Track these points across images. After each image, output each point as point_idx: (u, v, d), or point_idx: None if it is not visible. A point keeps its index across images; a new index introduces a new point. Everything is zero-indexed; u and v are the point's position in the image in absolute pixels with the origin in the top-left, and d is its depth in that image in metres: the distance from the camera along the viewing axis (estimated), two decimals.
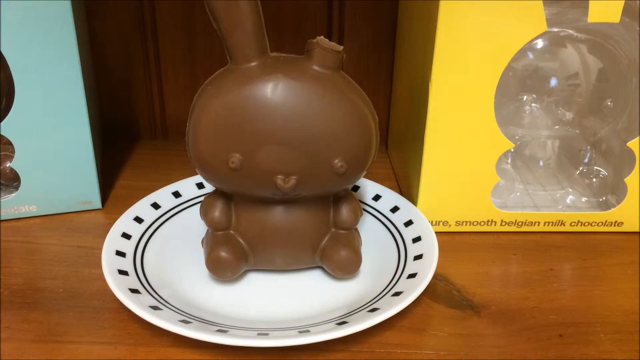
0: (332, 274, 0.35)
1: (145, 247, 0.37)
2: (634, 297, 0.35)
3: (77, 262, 0.37)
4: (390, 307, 0.31)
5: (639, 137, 0.39)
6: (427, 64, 0.37)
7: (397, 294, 0.32)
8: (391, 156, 0.53)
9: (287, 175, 0.31)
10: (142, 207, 0.40)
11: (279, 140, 0.31)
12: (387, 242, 0.38)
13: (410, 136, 0.43)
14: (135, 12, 0.51)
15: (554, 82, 0.41)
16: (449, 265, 0.38)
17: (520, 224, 0.41)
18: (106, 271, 0.33)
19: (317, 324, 0.31)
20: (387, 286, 0.34)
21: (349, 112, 0.31)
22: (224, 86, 0.31)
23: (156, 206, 0.41)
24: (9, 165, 0.41)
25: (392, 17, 0.51)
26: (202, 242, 0.36)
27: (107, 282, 0.32)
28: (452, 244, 0.40)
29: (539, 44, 0.40)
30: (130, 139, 0.55)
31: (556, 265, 0.38)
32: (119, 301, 0.31)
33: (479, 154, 0.39)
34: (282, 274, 0.36)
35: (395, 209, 0.41)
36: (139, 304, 0.30)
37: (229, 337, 0.29)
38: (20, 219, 0.42)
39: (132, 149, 0.54)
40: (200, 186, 0.43)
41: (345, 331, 0.29)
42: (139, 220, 0.39)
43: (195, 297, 0.34)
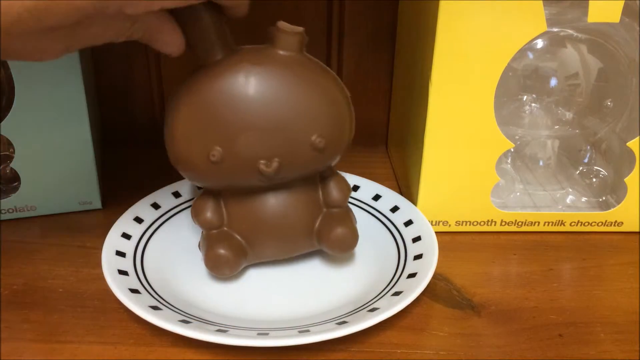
0: (331, 253, 0.35)
1: (145, 247, 0.37)
2: (633, 297, 0.35)
3: (77, 262, 0.37)
4: (390, 307, 0.31)
5: (638, 137, 0.39)
6: (427, 64, 0.37)
7: (397, 293, 0.32)
8: (391, 156, 0.53)
9: (268, 159, 0.32)
10: (142, 207, 0.40)
11: (255, 126, 0.31)
12: (387, 241, 0.38)
13: (410, 136, 0.43)
14: None
15: (553, 82, 0.41)
16: (449, 265, 0.38)
17: (520, 224, 0.41)
18: (106, 271, 0.33)
19: (317, 323, 0.31)
20: (387, 286, 0.34)
21: (318, 89, 0.32)
22: (194, 84, 0.32)
23: (156, 206, 0.41)
24: (9, 165, 0.41)
25: (392, 16, 0.51)
26: (199, 245, 0.36)
27: (107, 282, 0.32)
28: (452, 243, 0.40)
29: (539, 43, 0.40)
30: (130, 139, 0.55)
31: (556, 265, 0.38)
32: (119, 301, 0.31)
33: (479, 153, 0.39)
34: (282, 274, 0.36)
35: (395, 209, 0.41)
36: (139, 304, 0.31)
37: (229, 337, 0.29)
38: (20, 219, 0.42)
39: (132, 149, 0.54)
40: (200, 186, 0.43)
41: (345, 331, 0.29)
42: (139, 220, 0.39)
43: (195, 297, 0.34)
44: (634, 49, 0.39)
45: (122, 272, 0.34)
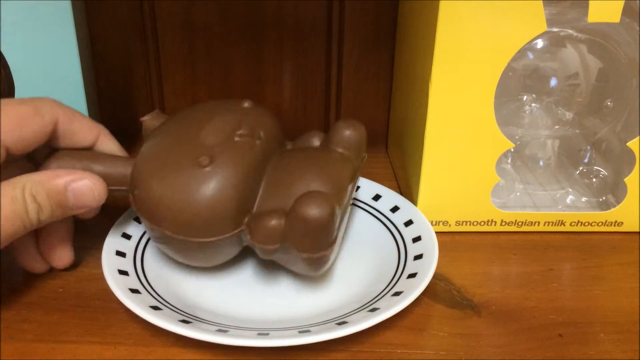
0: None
1: (145, 247, 0.37)
2: (634, 297, 0.35)
3: (77, 262, 0.37)
4: (390, 307, 0.31)
5: (639, 137, 0.39)
6: (427, 64, 0.37)
7: (397, 293, 0.32)
8: (391, 156, 0.53)
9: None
10: None
11: None
12: (387, 241, 0.38)
13: (410, 136, 0.43)
14: (135, 12, 0.51)
15: (553, 82, 0.41)
16: (449, 265, 0.38)
17: (520, 223, 0.41)
18: (106, 271, 0.33)
19: (317, 323, 0.31)
20: (387, 286, 0.34)
21: None
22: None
23: None
24: None
25: (392, 17, 0.51)
26: None
27: (107, 282, 0.32)
28: (452, 243, 0.40)
29: (539, 43, 0.41)
30: (130, 139, 0.55)
31: (556, 265, 0.38)
32: (119, 301, 0.31)
33: (479, 153, 0.39)
34: (282, 274, 0.36)
35: (395, 209, 0.41)
36: (140, 304, 0.30)
37: (229, 337, 0.29)
38: None
39: (132, 149, 0.54)
40: None
41: (345, 331, 0.29)
42: (139, 220, 0.39)
43: (195, 296, 0.34)
44: (634, 49, 0.39)
45: (123, 272, 0.34)
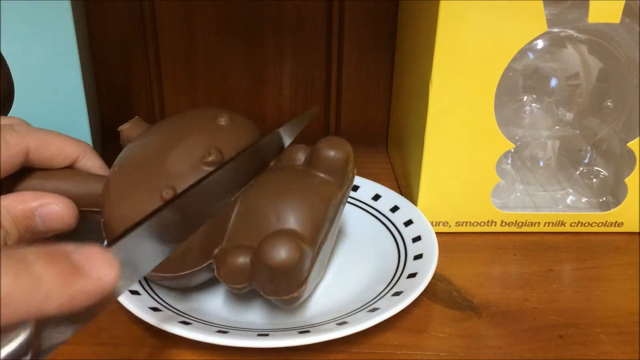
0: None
1: None
2: (634, 298, 0.35)
3: None
4: (390, 307, 0.31)
5: (639, 138, 0.38)
6: (427, 64, 0.37)
7: (397, 293, 0.32)
8: (391, 156, 0.53)
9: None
10: None
11: None
12: (387, 241, 0.38)
13: (410, 136, 0.43)
14: (135, 12, 0.51)
15: (554, 82, 0.41)
16: (449, 265, 0.38)
17: (520, 224, 0.41)
18: None
19: (317, 324, 0.31)
20: (387, 286, 0.34)
21: None
22: None
23: None
24: None
25: (392, 17, 0.51)
26: None
27: None
28: (452, 244, 0.40)
29: (540, 44, 0.40)
30: None
31: (556, 265, 0.38)
32: (119, 302, 0.31)
33: (479, 154, 0.39)
34: None
35: (395, 209, 0.41)
36: (139, 305, 0.30)
37: (229, 337, 0.29)
38: None
39: None
40: None
41: (345, 331, 0.29)
42: None
43: (195, 297, 0.34)
44: (634, 49, 0.39)
45: None
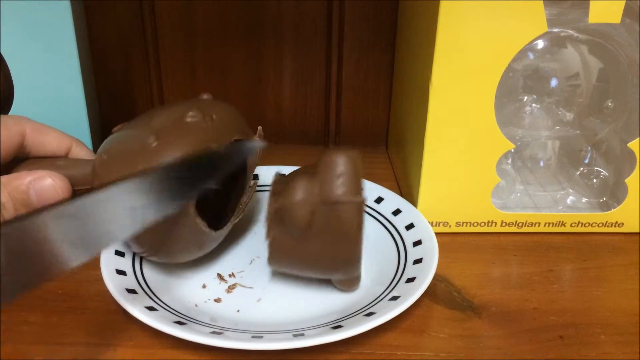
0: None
1: None
2: (634, 298, 0.35)
3: None
4: (386, 312, 0.30)
5: (639, 138, 0.38)
6: (427, 64, 0.37)
7: (394, 298, 0.32)
8: (391, 156, 0.53)
9: None
10: None
11: None
12: (387, 245, 0.38)
13: (410, 136, 0.43)
14: (135, 12, 0.51)
15: (554, 82, 0.41)
16: (450, 266, 0.37)
17: (520, 224, 0.41)
18: (104, 271, 0.33)
19: (312, 327, 0.31)
20: (385, 290, 0.34)
21: None
22: None
23: None
24: None
25: (392, 17, 0.51)
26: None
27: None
28: (452, 244, 0.40)
29: (540, 44, 0.40)
30: None
31: (556, 266, 0.38)
32: (118, 303, 0.31)
33: (479, 154, 0.38)
34: (280, 276, 0.36)
35: (397, 212, 0.40)
36: (135, 304, 0.30)
37: (223, 339, 0.28)
38: None
39: None
40: None
41: (339, 335, 0.29)
42: None
43: (192, 297, 0.34)
44: (634, 49, 0.39)
45: (120, 272, 0.34)
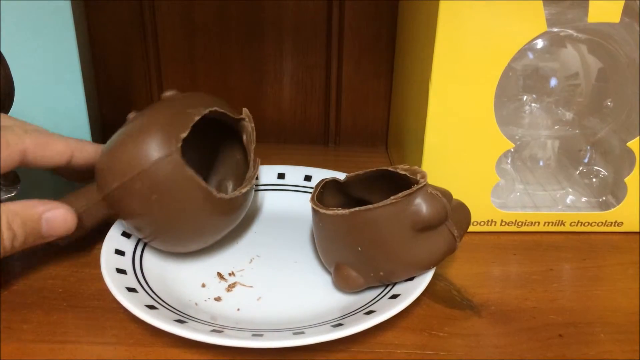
0: None
1: (145, 246, 0.37)
2: (634, 297, 0.35)
3: (77, 262, 0.37)
4: (386, 310, 0.30)
5: (639, 137, 0.39)
6: (427, 64, 0.37)
7: (394, 296, 0.32)
8: (391, 156, 0.53)
9: None
10: None
11: None
12: None
13: (410, 136, 0.43)
14: (135, 12, 0.51)
15: (554, 82, 0.41)
16: (449, 265, 0.38)
17: (520, 224, 0.41)
18: (104, 269, 0.33)
19: (312, 325, 0.31)
20: (385, 289, 0.34)
21: None
22: None
23: None
24: None
25: (392, 17, 0.51)
26: None
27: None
28: None
29: (539, 44, 0.40)
30: None
31: (556, 265, 0.38)
32: (119, 301, 0.31)
33: (479, 154, 0.39)
34: (280, 275, 0.36)
35: None
36: (135, 303, 0.30)
37: (223, 337, 0.28)
38: None
39: None
40: None
41: (339, 333, 0.29)
42: None
43: (192, 296, 0.34)
44: (634, 49, 0.39)
45: (120, 271, 0.34)
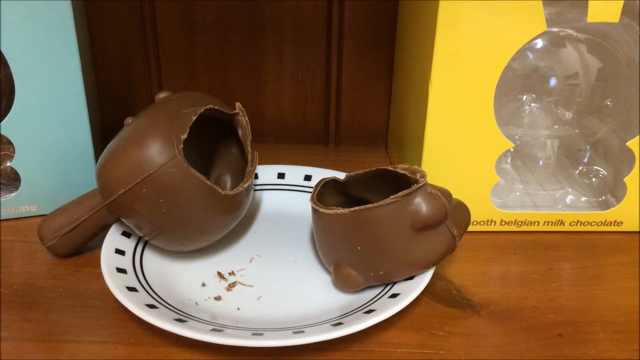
0: None
1: (145, 245, 0.37)
2: (633, 297, 0.35)
3: (77, 261, 0.37)
4: (386, 309, 0.31)
5: (638, 137, 0.39)
6: (427, 64, 0.37)
7: (393, 295, 0.32)
8: (391, 155, 0.53)
9: None
10: None
11: None
12: None
13: (410, 136, 0.43)
14: (135, 12, 0.51)
15: (553, 82, 0.41)
16: (449, 264, 0.38)
17: (519, 223, 0.41)
18: (104, 269, 0.33)
19: (312, 324, 0.31)
20: (385, 288, 0.34)
21: None
22: None
23: None
24: (9, 165, 0.41)
25: (392, 16, 0.51)
26: None
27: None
28: None
29: (539, 43, 0.41)
30: None
31: (556, 264, 0.38)
32: (119, 300, 0.31)
33: (478, 153, 0.39)
34: (280, 275, 0.36)
35: None
36: (135, 302, 0.30)
37: (223, 336, 0.28)
38: (20, 218, 0.42)
39: None
40: None
41: (339, 332, 0.29)
42: None
43: (192, 295, 0.34)
44: (633, 48, 0.39)
45: (121, 270, 0.34)
